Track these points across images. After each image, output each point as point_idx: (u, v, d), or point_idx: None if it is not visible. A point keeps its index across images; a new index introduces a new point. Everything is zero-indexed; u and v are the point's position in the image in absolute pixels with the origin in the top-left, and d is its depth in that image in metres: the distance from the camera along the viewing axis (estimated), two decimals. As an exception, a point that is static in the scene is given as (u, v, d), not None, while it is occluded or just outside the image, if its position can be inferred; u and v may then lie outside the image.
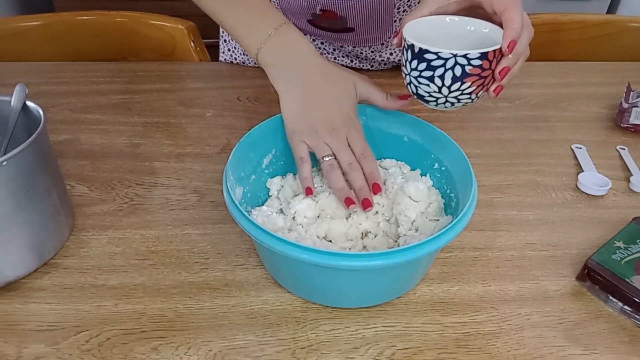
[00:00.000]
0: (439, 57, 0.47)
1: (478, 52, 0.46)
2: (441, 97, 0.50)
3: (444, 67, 0.47)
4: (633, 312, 0.50)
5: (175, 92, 0.86)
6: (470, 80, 0.48)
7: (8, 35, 1.02)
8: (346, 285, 0.49)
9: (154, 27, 1.03)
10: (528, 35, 0.49)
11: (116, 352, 0.47)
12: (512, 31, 0.47)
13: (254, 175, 0.57)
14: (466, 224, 0.46)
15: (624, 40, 1.11)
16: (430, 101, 0.51)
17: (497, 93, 0.50)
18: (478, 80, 0.48)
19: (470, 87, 0.48)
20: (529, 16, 0.50)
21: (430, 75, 0.48)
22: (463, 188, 0.52)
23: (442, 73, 0.48)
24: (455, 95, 0.49)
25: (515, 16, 0.47)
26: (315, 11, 0.76)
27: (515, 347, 0.48)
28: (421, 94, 0.51)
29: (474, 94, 0.49)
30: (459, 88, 0.48)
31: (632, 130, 0.78)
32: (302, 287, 0.51)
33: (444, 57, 0.47)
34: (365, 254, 0.43)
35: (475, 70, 0.47)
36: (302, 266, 0.47)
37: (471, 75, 0.47)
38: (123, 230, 0.59)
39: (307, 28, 0.83)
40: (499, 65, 0.48)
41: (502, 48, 0.47)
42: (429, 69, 0.48)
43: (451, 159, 0.56)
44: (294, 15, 0.81)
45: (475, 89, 0.49)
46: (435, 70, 0.48)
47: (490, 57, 0.47)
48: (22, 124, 0.55)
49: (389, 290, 0.51)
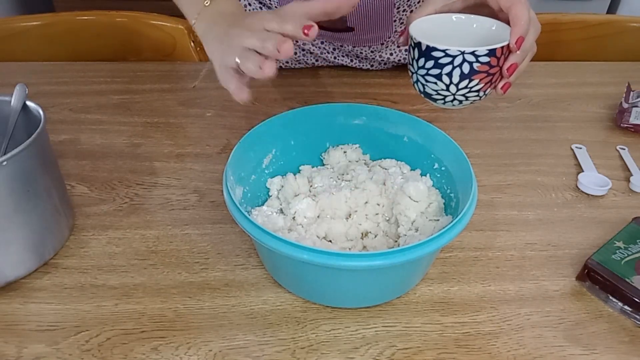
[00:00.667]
0: (447, 54, 0.47)
1: (486, 49, 0.46)
2: (449, 95, 0.49)
3: (452, 65, 0.47)
4: (633, 312, 0.50)
5: (175, 92, 0.86)
6: (479, 77, 0.48)
7: (8, 35, 1.02)
8: (346, 285, 0.49)
9: (154, 27, 1.03)
10: (535, 31, 0.49)
11: (116, 352, 0.47)
12: (519, 27, 0.47)
13: (254, 175, 0.57)
14: (466, 224, 0.46)
15: (624, 40, 1.11)
16: (437, 99, 0.51)
17: (504, 90, 0.50)
18: (486, 78, 0.48)
19: (479, 84, 0.48)
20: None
21: (438, 73, 0.48)
22: (463, 188, 0.52)
23: (450, 70, 0.47)
24: (463, 92, 0.49)
25: (522, 13, 0.47)
26: None
27: (515, 347, 0.48)
28: (429, 92, 0.50)
29: (482, 92, 0.49)
30: (467, 85, 0.48)
31: (632, 130, 0.78)
32: (302, 287, 0.51)
33: (452, 55, 0.47)
34: (365, 254, 0.43)
35: (484, 67, 0.47)
36: (302, 266, 0.47)
37: (479, 73, 0.47)
38: (123, 230, 0.59)
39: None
40: (507, 61, 0.48)
41: (510, 44, 0.47)
42: (436, 66, 0.48)
43: (451, 159, 0.56)
44: None
45: (484, 86, 0.49)
46: (443, 67, 0.47)
47: (498, 54, 0.47)
48: (22, 124, 0.55)
49: (389, 290, 0.51)
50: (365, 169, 0.60)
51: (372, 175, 0.58)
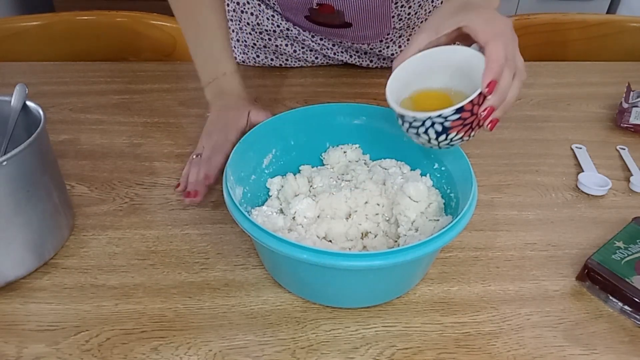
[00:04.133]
0: (416, 119, 0.48)
1: (453, 110, 0.46)
2: (436, 145, 0.50)
3: (425, 127, 0.48)
4: (633, 312, 0.50)
5: (175, 92, 0.86)
6: (455, 130, 0.48)
7: (8, 35, 1.02)
8: (346, 285, 0.49)
9: (154, 27, 1.03)
10: (510, 71, 0.47)
11: (116, 352, 0.47)
12: (490, 71, 0.46)
13: (254, 175, 0.57)
14: (466, 224, 0.46)
15: (624, 40, 1.11)
16: (431, 146, 0.51)
17: (492, 127, 0.48)
18: (464, 128, 0.48)
19: (458, 134, 0.48)
20: (528, 17, 0.49)
21: (415, 132, 0.49)
22: (463, 188, 0.52)
23: (425, 130, 0.48)
24: (446, 142, 0.49)
25: (495, 52, 0.46)
26: (312, 5, 0.76)
27: (515, 347, 0.48)
28: (418, 143, 0.51)
29: (465, 136, 0.49)
30: (446, 138, 0.49)
31: (632, 130, 0.78)
32: (302, 287, 0.51)
33: (421, 119, 0.47)
34: (365, 254, 0.43)
35: (456, 122, 0.47)
36: (302, 266, 0.47)
37: (453, 128, 0.48)
38: (123, 230, 0.59)
39: (305, 24, 0.83)
40: (483, 105, 0.47)
41: (482, 89, 0.46)
42: (412, 128, 0.49)
43: (451, 159, 0.56)
44: (292, 12, 0.81)
45: (464, 134, 0.49)
46: (418, 129, 0.49)
47: (468, 108, 0.47)
48: (22, 124, 0.55)
49: (389, 290, 0.51)
50: (365, 169, 0.60)
51: (372, 175, 0.58)
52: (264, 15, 0.85)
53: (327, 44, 0.88)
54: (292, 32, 0.86)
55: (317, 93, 0.86)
